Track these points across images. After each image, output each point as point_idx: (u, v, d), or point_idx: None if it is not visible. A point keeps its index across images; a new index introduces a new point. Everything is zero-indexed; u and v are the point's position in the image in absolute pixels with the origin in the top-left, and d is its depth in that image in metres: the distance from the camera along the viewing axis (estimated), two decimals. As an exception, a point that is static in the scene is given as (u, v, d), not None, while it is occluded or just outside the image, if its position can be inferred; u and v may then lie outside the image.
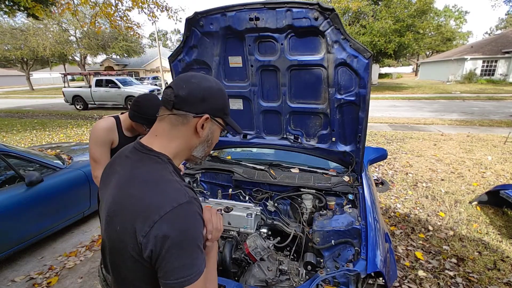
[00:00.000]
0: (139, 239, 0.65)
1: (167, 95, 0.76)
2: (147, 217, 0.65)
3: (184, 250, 0.65)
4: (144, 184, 0.71)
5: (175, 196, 0.69)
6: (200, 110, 0.77)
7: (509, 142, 6.11)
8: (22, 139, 7.81)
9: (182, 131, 0.77)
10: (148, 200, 0.68)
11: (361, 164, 1.89)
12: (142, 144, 0.78)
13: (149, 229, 0.64)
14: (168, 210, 0.65)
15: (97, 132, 1.63)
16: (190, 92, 0.75)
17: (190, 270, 0.66)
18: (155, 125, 0.80)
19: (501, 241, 2.79)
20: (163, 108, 0.78)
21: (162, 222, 0.64)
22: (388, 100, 14.78)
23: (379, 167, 4.97)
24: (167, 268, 0.65)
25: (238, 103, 2.04)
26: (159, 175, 0.73)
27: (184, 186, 0.74)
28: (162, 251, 0.64)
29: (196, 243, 0.68)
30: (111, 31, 23.28)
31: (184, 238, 0.66)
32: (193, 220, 0.69)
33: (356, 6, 15.11)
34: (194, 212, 0.70)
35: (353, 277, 1.27)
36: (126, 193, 0.72)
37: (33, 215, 2.69)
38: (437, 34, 32.62)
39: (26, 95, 25.03)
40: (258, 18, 1.60)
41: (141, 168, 0.74)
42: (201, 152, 0.85)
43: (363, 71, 1.58)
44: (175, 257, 0.64)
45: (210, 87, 0.78)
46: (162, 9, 8.72)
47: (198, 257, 0.68)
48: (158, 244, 0.64)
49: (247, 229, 1.66)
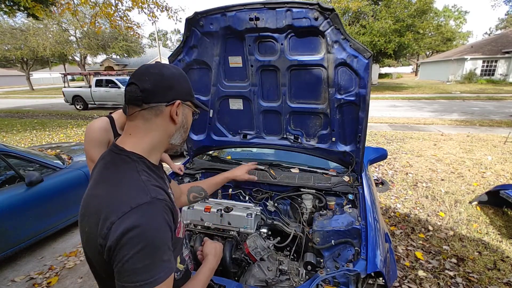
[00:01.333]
0: (99, 240, 0.65)
1: (133, 92, 0.74)
2: (106, 218, 0.64)
3: (137, 253, 0.61)
4: (108, 184, 0.71)
5: (135, 196, 0.67)
6: (170, 98, 0.77)
7: (509, 142, 6.11)
8: (22, 139, 7.81)
9: (157, 123, 0.77)
10: (109, 201, 0.67)
11: (361, 164, 1.89)
12: (116, 144, 0.78)
13: (107, 231, 0.63)
14: (127, 211, 0.63)
15: (93, 133, 1.60)
16: (155, 83, 0.75)
17: (141, 275, 0.62)
18: (127, 125, 0.79)
19: (501, 241, 2.79)
20: (131, 107, 0.77)
21: (120, 223, 0.62)
22: (388, 100, 14.78)
23: (379, 167, 4.97)
24: (118, 268, 0.62)
25: (238, 103, 2.04)
26: (124, 175, 0.72)
27: (150, 185, 0.71)
28: (116, 250, 0.62)
29: (154, 247, 0.63)
30: (111, 31, 23.27)
31: (139, 240, 0.62)
32: (152, 222, 0.65)
33: (356, 6, 15.12)
34: (155, 213, 0.67)
35: (353, 277, 1.27)
36: (93, 194, 0.73)
37: (33, 215, 2.70)
38: (437, 34, 32.60)
39: (26, 95, 25.03)
40: (258, 18, 1.60)
41: (110, 169, 0.74)
42: (179, 138, 0.85)
43: (363, 71, 1.57)
44: (127, 258, 0.61)
45: (172, 73, 0.79)
46: (162, 9, 8.73)
47: (154, 263, 0.63)
48: (114, 245, 0.62)
49: (247, 229, 1.66)
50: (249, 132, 2.15)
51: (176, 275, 0.88)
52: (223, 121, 2.17)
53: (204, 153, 2.43)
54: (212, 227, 1.70)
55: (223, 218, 1.70)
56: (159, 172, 0.83)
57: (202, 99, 2.04)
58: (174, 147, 0.87)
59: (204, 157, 2.49)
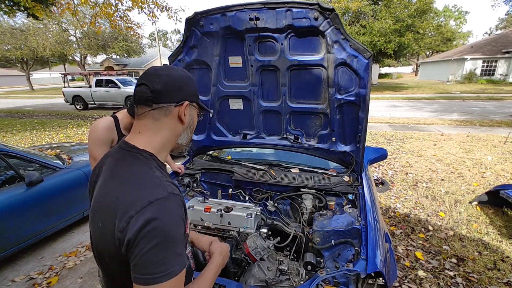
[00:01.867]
0: (117, 235, 0.66)
1: (143, 93, 0.76)
2: (124, 213, 0.66)
3: (156, 246, 0.64)
4: (123, 181, 0.73)
5: (153, 191, 0.69)
6: (179, 98, 0.80)
7: (509, 142, 6.10)
8: (22, 139, 7.81)
9: (166, 122, 0.80)
10: (126, 196, 0.69)
11: (361, 164, 1.89)
12: (126, 142, 0.80)
13: (126, 225, 0.65)
14: (145, 205, 0.65)
15: (97, 131, 1.61)
16: (165, 84, 0.77)
17: (158, 268, 0.64)
18: (135, 124, 0.81)
19: (501, 241, 2.79)
20: (140, 107, 0.78)
21: (138, 216, 0.64)
22: (388, 100, 14.78)
23: (379, 167, 4.97)
24: (136, 261, 0.64)
25: (238, 103, 2.04)
26: (139, 171, 0.74)
27: (165, 181, 0.73)
28: (135, 243, 0.64)
29: (170, 240, 0.66)
30: (111, 31, 23.26)
31: (157, 233, 0.64)
32: (169, 216, 0.68)
33: (356, 6, 15.13)
34: (172, 208, 0.69)
35: (353, 277, 1.27)
36: (106, 191, 0.74)
37: (33, 215, 2.69)
38: (437, 34, 32.60)
39: (26, 95, 25.03)
40: (258, 18, 1.60)
41: (122, 166, 0.76)
42: (185, 138, 0.88)
43: (363, 71, 1.58)
44: (145, 251, 0.63)
45: (181, 75, 0.82)
46: (162, 9, 8.73)
47: (171, 256, 0.66)
48: (133, 237, 0.64)
49: (247, 229, 1.66)
50: (249, 132, 2.15)
51: None
52: (223, 121, 2.17)
53: (204, 153, 2.44)
54: (212, 227, 1.70)
55: (223, 218, 1.70)
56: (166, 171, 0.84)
57: (202, 99, 2.04)
58: (180, 147, 0.89)
59: (204, 157, 2.49)
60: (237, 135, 2.19)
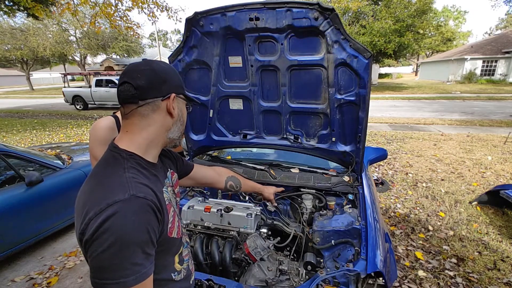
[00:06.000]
0: (79, 237, 0.65)
1: (127, 91, 0.75)
2: (86, 215, 0.65)
3: (107, 249, 0.60)
4: (96, 182, 0.72)
5: (113, 193, 0.66)
6: (165, 92, 0.78)
7: (509, 142, 6.10)
8: (22, 139, 7.81)
9: (155, 118, 0.78)
10: (91, 198, 0.68)
11: (361, 164, 1.89)
12: (113, 142, 0.79)
13: (85, 227, 0.64)
14: (104, 208, 0.63)
15: (98, 131, 1.61)
16: (149, 79, 0.76)
17: (106, 273, 0.61)
18: (123, 123, 0.80)
19: (501, 241, 2.79)
20: (126, 106, 0.77)
21: (96, 219, 0.62)
22: (388, 100, 14.78)
23: (379, 167, 4.97)
24: (90, 263, 0.63)
25: (238, 103, 2.04)
26: (111, 172, 0.72)
27: (133, 182, 0.69)
28: (88, 244, 0.63)
29: (125, 245, 0.62)
30: (111, 31, 23.27)
31: (108, 236, 0.61)
32: (124, 219, 0.63)
33: (356, 6, 15.14)
34: (130, 211, 0.64)
35: (353, 277, 1.27)
36: (82, 190, 0.74)
37: (33, 215, 2.69)
38: (437, 34, 32.60)
39: (26, 95, 25.02)
40: (258, 18, 1.60)
41: (102, 167, 0.75)
42: (176, 132, 0.86)
43: (363, 71, 1.57)
44: (96, 254, 0.61)
45: (163, 68, 0.80)
46: (162, 9, 8.73)
47: (124, 264, 0.61)
48: (89, 238, 0.62)
49: (247, 229, 1.66)
50: (249, 132, 2.15)
51: (176, 276, 0.87)
52: (223, 121, 2.17)
53: (204, 153, 2.43)
54: (212, 227, 1.70)
55: (223, 218, 1.70)
56: (153, 170, 0.81)
57: (202, 99, 2.04)
58: (172, 141, 0.87)
59: (204, 157, 2.49)
60: (237, 135, 2.19)
